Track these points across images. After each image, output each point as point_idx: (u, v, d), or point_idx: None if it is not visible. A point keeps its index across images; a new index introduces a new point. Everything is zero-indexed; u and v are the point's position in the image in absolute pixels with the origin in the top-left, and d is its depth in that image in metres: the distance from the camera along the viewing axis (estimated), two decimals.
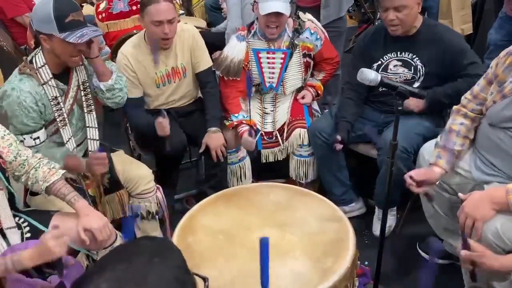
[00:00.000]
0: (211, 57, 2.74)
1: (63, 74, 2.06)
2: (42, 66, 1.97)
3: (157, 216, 2.39)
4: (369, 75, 1.88)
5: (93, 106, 2.17)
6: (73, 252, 1.82)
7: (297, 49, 2.66)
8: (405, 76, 2.39)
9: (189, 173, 3.19)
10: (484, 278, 1.70)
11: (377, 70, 2.42)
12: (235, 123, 2.65)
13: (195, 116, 2.73)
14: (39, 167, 1.82)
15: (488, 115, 1.87)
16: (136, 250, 0.89)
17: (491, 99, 1.85)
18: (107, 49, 3.34)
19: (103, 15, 3.24)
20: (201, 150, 2.58)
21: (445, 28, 2.45)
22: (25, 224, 1.80)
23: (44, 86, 1.98)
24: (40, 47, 2.00)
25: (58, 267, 1.57)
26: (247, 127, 2.63)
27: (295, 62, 2.69)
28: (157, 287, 0.82)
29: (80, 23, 1.91)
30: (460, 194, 1.76)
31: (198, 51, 2.62)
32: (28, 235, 1.77)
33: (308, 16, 2.72)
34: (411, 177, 1.94)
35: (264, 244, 1.16)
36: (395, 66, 2.41)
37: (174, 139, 2.48)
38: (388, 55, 2.42)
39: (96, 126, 2.18)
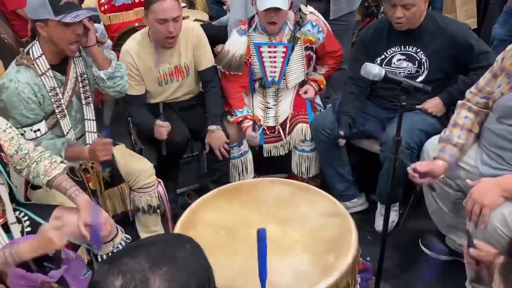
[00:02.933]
0: (212, 51, 2.72)
1: (61, 65, 2.05)
2: (39, 56, 1.97)
3: (158, 210, 2.38)
4: (373, 70, 1.85)
5: (91, 98, 2.16)
6: (73, 247, 1.82)
7: (299, 42, 2.63)
8: (409, 71, 2.37)
9: (190, 167, 3.18)
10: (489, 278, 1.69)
11: (380, 64, 2.40)
12: (240, 118, 2.64)
13: (196, 110, 2.72)
14: (40, 161, 1.81)
15: (495, 108, 1.86)
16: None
17: (499, 91, 1.83)
18: (109, 42, 3.32)
19: (106, 7, 3.22)
20: (206, 151, 2.59)
21: (449, 20, 2.41)
22: (25, 218, 1.80)
23: (42, 77, 1.97)
24: (37, 38, 1.98)
25: (56, 260, 1.56)
26: (250, 122, 2.61)
27: (297, 55, 2.67)
28: (185, 264, 0.87)
29: (74, 5, 1.91)
30: (468, 181, 1.75)
31: (201, 50, 2.60)
32: (29, 229, 1.77)
33: (310, 8, 2.70)
34: (414, 169, 1.93)
35: (261, 235, 1.15)
36: (398, 60, 2.39)
37: (177, 134, 2.47)
38: (392, 49, 2.40)
39: (94, 118, 2.17)
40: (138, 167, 2.29)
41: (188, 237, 0.96)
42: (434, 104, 2.37)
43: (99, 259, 1.89)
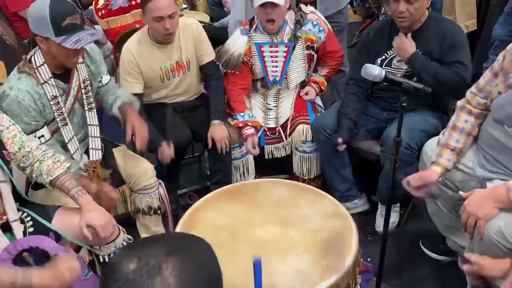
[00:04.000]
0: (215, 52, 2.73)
1: (64, 74, 2.03)
2: (41, 65, 1.95)
3: (159, 211, 2.39)
4: (373, 71, 1.86)
5: (93, 104, 2.16)
6: (76, 248, 1.82)
7: (300, 41, 2.64)
8: (409, 71, 2.36)
9: (191, 168, 3.19)
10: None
11: (380, 65, 2.41)
12: (240, 124, 2.64)
13: (199, 111, 2.73)
14: (43, 160, 1.82)
15: (493, 108, 1.86)
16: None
17: (496, 90, 1.83)
18: (109, 44, 3.32)
19: (103, 12, 3.20)
20: (209, 146, 2.58)
21: (450, 22, 2.41)
22: (28, 218, 1.79)
23: (44, 85, 1.96)
24: (38, 46, 1.96)
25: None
26: (252, 130, 2.61)
27: (298, 54, 2.67)
28: (198, 256, 0.92)
29: (77, 26, 1.86)
30: (461, 192, 1.76)
31: (202, 44, 2.62)
32: (31, 229, 1.77)
33: (310, 8, 2.70)
34: (408, 183, 1.95)
35: (257, 266, 1.15)
36: (398, 61, 2.39)
37: (178, 135, 2.48)
38: (392, 49, 2.40)
39: (97, 123, 2.17)
40: (138, 168, 2.29)
41: (202, 238, 1.00)
42: (404, 47, 2.30)
43: (101, 260, 1.89)
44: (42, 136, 2.00)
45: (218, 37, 3.13)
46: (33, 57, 1.96)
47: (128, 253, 0.89)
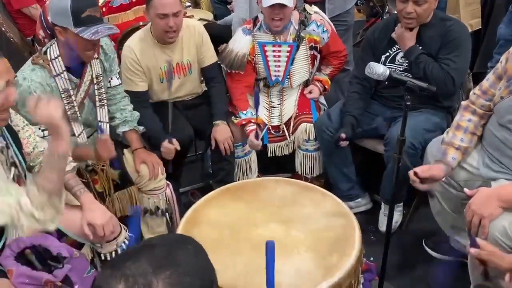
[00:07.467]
0: (217, 50, 2.72)
1: (77, 68, 2.04)
2: (56, 58, 1.97)
3: (167, 214, 2.38)
4: (377, 70, 1.85)
5: (105, 101, 2.16)
6: (78, 245, 1.82)
7: (304, 41, 2.63)
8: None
9: (194, 166, 3.18)
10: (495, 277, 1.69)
11: (385, 62, 2.41)
12: (243, 122, 2.63)
13: (201, 109, 2.72)
14: None
15: (496, 112, 1.85)
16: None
17: (498, 94, 1.83)
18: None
19: (104, 9, 3.17)
20: (212, 147, 2.57)
21: (456, 21, 2.40)
22: None
23: (56, 78, 1.97)
24: (55, 39, 1.98)
25: (60, 259, 1.58)
26: (254, 127, 2.60)
27: (301, 54, 2.66)
28: (188, 266, 0.86)
29: (96, 19, 1.89)
30: (465, 190, 1.75)
31: (204, 47, 2.60)
32: None
33: (315, 8, 2.69)
34: (415, 173, 1.93)
35: (270, 247, 1.15)
36: (402, 57, 2.38)
37: (181, 132, 2.47)
38: (396, 46, 2.39)
39: (108, 121, 2.17)
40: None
41: (191, 238, 0.95)
42: (403, 38, 2.31)
43: (102, 257, 1.89)
44: (46, 129, 2.00)
45: (222, 35, 3.13)
46: (49, 49, 1.98)
47: (112, 273, 0.82)
